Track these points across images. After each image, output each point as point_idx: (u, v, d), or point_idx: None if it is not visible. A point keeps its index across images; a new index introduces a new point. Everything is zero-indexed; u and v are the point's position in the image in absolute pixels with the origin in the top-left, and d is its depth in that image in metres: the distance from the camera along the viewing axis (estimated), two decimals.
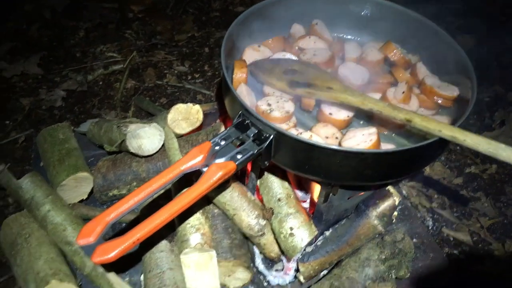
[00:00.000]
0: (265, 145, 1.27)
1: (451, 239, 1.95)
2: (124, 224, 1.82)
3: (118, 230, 1.80)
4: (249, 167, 1.77)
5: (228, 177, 1.25)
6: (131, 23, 3.14)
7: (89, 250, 1.09)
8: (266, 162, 1.35)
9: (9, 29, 3.02)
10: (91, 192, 1.90)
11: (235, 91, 1.34)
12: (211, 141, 1.28)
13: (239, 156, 1.25)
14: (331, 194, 1.51)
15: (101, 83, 2.67)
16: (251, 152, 1.26)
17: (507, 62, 2.85)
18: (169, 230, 1.63)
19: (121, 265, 1.68)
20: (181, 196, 1.17)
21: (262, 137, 1.28)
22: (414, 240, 1.80)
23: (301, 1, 1.78)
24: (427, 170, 2.20)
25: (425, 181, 2.15)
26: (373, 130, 1.41)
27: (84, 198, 1.89)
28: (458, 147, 2.34)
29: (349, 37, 1.85)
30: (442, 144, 1.29)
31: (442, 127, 1.22)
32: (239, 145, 1.29)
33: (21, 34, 3.00)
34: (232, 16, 3.16)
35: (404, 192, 2.05)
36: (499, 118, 2.51)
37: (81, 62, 2.78)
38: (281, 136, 1.25)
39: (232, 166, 1.23)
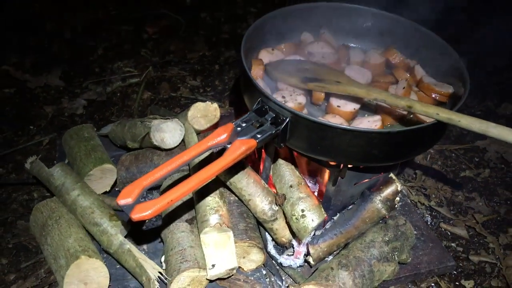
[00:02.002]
0: (282, 127, 1.42)
1: (449, 233, 2.08)
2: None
3: None
4: (261, 164, 1.92)
5: (249, 153, 1.40)
6: (146, 43, 3.37)
7: (128, 209, 1.22)
8: (282, 144, 1.50)
9: (32, 46, 3.22)
10: (113, 186, 2.05)
11: (254, 80, 1.51)
12: (234, 123, 1.43)
13: (259, 135, 1.39)
14: (339, 178, 1.66)
15: (119, 94, 2.85)
16: (270, 132, 1.41)
17: (497, 80, 3.08)
18: (189, 211, 1.76)
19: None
20: (210, 166, 1.30)
21: (279, 120, 1.43)
22: (415, 232, 1.93)
23: (310, 12, 1.98)
24: (425, 172, 2.36)
25: (423, 181, 2.31)
26: (377, 117, 1.58)
27: (107, 190, 2.03)
28: (453, 154, 2.51)
29: (353, 45, 2.05)
30: (440, 127, 1.45)
31: (439, 111, 1.38)
32: (258, 127, 1.45)
33: (43, 50, 3.20)
34: (241, 38, 3.40)
35: (404, 191, 2.19)
36: None
37: (100, 76, 2.98)
38: (296, 118, 1.40)
39: (253, 143, 1.37)
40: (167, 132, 1.89)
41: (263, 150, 1.87)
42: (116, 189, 2.06)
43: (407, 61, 1.88)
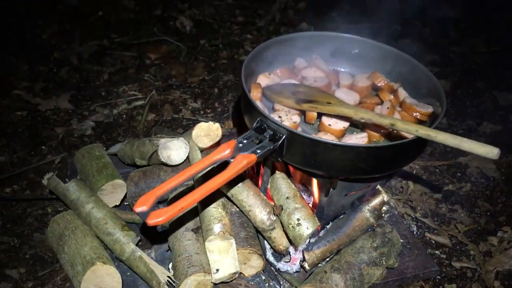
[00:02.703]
0: (279, 143, 1.60)
1: (433, 242, 2.25)
2: None
3: None
4: (260, 178, 2.09)
5: (250, 166, 1.57)
6: (149, 68, 3.57)
7: (144, 215, 1.38)
8: (279, 159, 1.68)
9: (41, 72, 3.42)
10: (122, 200, 2.21)
11: (254, 101, 1.70)
12: (236, 140, 1.61)
13: (259, 151, 1.56)
14: (331, 189, 1.84)
15: (124, 116, 3.04)
16: (268, 148, 1.58)
17: (477, 101, 3.30)
18: (194, 222, 1.92)
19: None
20: (215, 177, 1.47)
21: (277, 137, 1.61)
22: (402, 241, 2.09)
23: (303, 40, 2.18)
24: (411, 186, 2.54)
25: (409, 194, 2.49)
26: (364, 134, 1.77)
27: (117, 204, 2.19)
28: (437, 170, 2.69)
29: (342, 69, 2.25)
30: (420, 142, 1.62)
31: (418, 128, 1.54)
32: (258, 143, 1.62)
33: (52, 76, 3.40)
34: (238, 64, 3.64)
35: (391, 203, 2.37)
36: None
37: (107, 99, 3.17)
38: (292, 134, 1.58)
39: (253, 157, 1.54)
40: (174, 150, 2.06)
41: (261, 165, 2.04)
42: (125, 203, 2.22)
43: (391, 84, 2.07)
